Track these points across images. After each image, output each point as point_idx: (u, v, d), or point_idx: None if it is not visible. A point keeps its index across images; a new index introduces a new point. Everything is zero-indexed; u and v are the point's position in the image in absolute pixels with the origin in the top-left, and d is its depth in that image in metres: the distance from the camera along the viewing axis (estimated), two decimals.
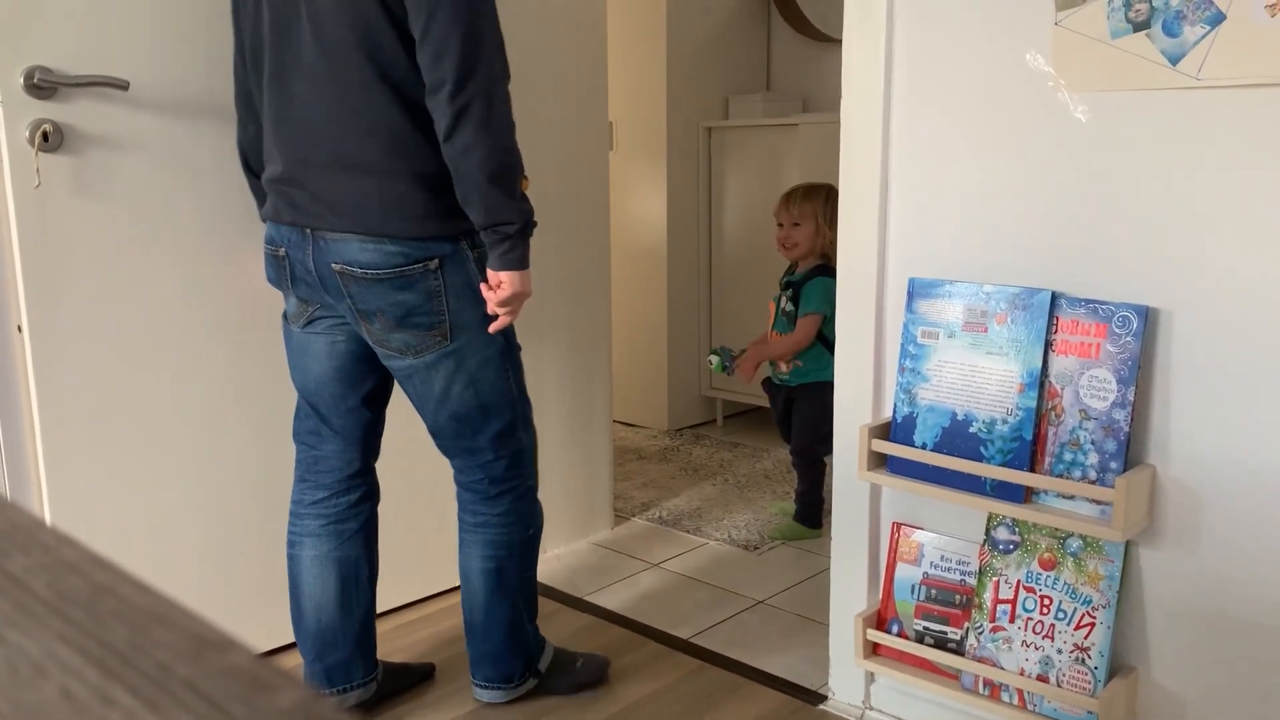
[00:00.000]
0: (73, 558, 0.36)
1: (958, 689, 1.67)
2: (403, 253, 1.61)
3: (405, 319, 1.65)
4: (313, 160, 1.62)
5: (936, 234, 1.69)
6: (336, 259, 1.63)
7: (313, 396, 1.81)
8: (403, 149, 1.59)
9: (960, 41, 1.61)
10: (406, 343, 1.67)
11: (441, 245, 1.63)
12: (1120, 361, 1.48)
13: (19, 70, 1.68)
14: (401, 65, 1.56)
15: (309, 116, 1.61)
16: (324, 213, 1.63)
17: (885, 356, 1.77)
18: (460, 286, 1.65)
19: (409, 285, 1.63)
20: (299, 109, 1.62)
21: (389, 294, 1.63)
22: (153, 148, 1.84)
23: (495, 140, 1.55)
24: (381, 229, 1.60)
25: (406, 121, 1.58)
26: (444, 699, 1.97)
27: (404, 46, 1.55)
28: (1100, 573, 1.54)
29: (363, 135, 1.59)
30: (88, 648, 0.30)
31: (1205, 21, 1.37)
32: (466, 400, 1.73)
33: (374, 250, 1.61)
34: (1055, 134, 1.54)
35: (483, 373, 1.72)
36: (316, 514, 1.85)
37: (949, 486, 1.61)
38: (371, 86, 1.57)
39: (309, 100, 1.61)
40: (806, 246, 2.66)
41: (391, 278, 1.62)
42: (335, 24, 1.56)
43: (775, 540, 2.71)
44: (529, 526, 1.87)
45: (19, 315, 1.75)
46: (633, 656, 2.12)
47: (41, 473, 1.79)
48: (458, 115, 1.53)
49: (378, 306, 1.64)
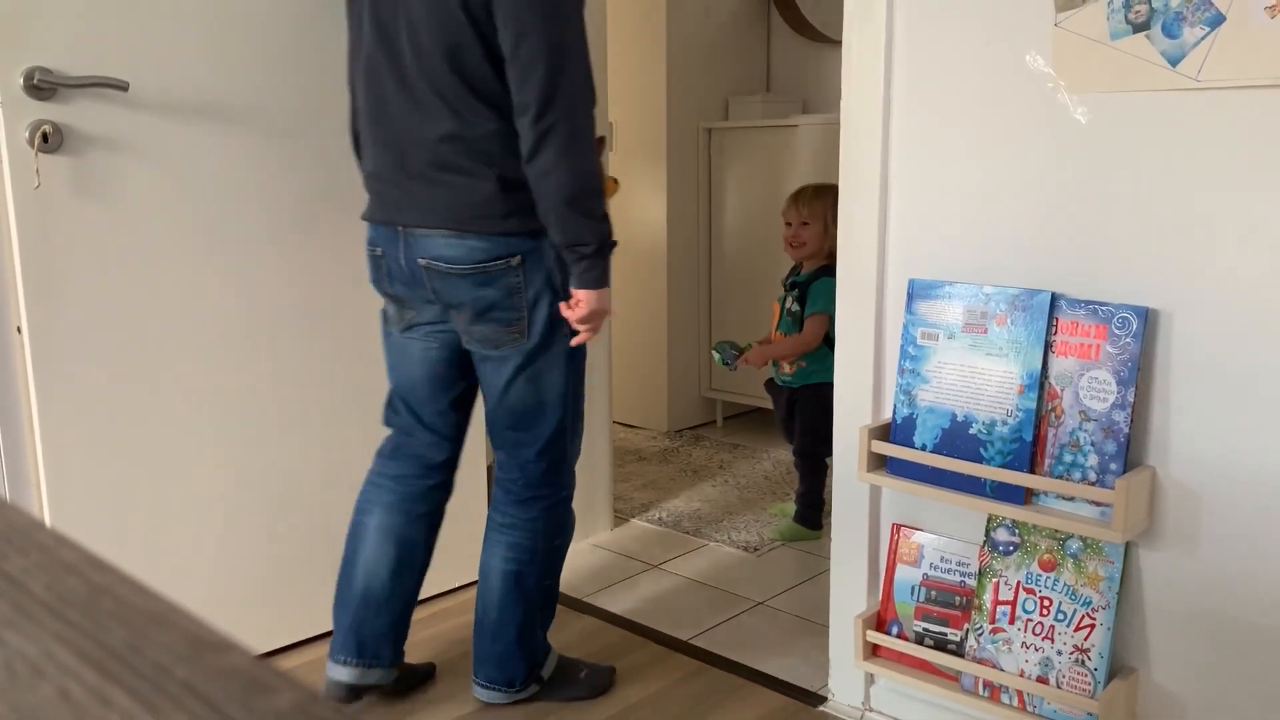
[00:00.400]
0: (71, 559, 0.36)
1: (957, 690, 1.67)
2: (485, 249, 1.67)
3: (485, 313, 1.71)
4: (403, 161, 1.70)
5: (936, 235, 1.69)
6: (424, 254, 1.70)
7: (407, 395, 1.88)
8: (488, 155, 1.65)
9: (960, 42, 1.61)
10: (485, 335, 1.74)
11: (523, 242, 1.68)
12: (1120, 363, 1.48)
13: (19, 71, 1.68)
14: (489, 80, 1.62)
15: (402, 120, 1.69)
16: (413, 210, 1.70)
17: (885, 358, 1.77)
18: (540, 285, 1.71)
19: (490, 281, 1.69)
20: (393, 112, 1.70)
21: (471, 289, 1.69)
22: (152, 149, 1.84)
23: (575, 164, 1.60)
24: (465, 225, 1.67)
25: (493, 130, 1.64)
26: (444, 699, 1.97)
27: (491, 64, 1.61)
28: (1100, 574, 1.54)
29: (450, 140, 1.65)
30: (86, 649, 0.30)
31: (1205, 23, 1.37)
32: (526, 396, 1.77)
33: (458, 245, 1.67)
34: (1055, 135, 1.53)
35: (547, 374, 1.77)
36: (394, 488, 1.90)
37: (949, 488, 1.61)
38: (461, 97, 1.63)
39: (402, 105, 1.68)
40: (815, 246, 2.65)
41: (474, 273, 1.68)
42: (429, 37, 1.62)
43: (775, 541, 2.71)
44: (555, 537, 1.89)
45: (19, 316, 1.75)
46: (633, 658, 2.12)
47: (41, 474, 1.79)
48: (540, 138, 1.59)
49: (460, 300, 1.71)
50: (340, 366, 2.14)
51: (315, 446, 2.12)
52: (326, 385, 2.12)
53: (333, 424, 2.14)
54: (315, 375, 2.10)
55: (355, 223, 2.12)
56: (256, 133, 1.96)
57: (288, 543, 2.11)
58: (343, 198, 2.09)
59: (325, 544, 2.16)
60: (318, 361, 2.10)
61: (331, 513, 2.17)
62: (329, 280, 2.09)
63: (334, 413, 2.14)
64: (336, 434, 2.15)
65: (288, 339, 2.05)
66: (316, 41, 2.02)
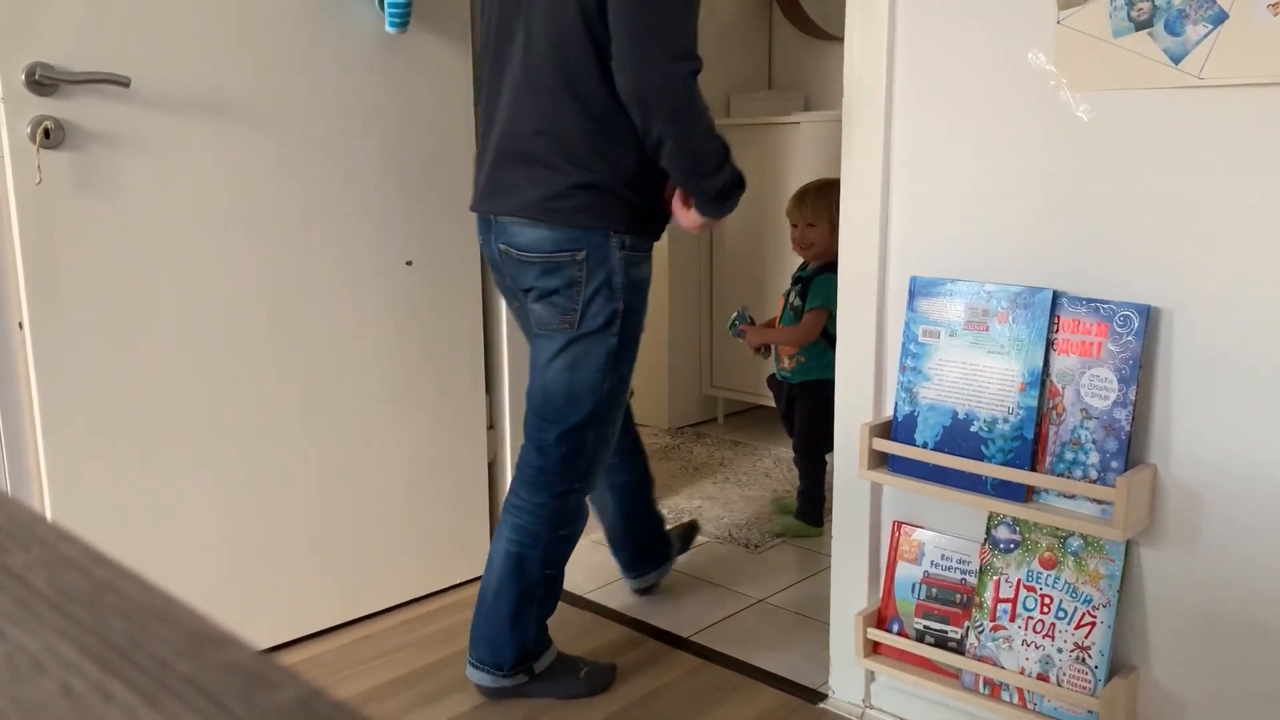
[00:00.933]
0: (72, 553, 0.36)
1: (958, 688, 1.67)
2: (553, 239, 1.78)
3: (544, 298, 1.83)
4: (502, 154, 1.82)
5: (938, 232, 1.69)
6: (503, 240, 1.84)
7: None
8: (574, 153, 1.75)
9: (962, 40, 1.61)
10: (540, 316, 1.85)
11: (591, 237, 1.78)
12: (1121, 360, 1.48)
13: (20, 67, 1.68)
14: (592, 82, 1.72)
15: (508, 117, 1.81)
16: (499, 198, 1.83)
17: (886, 355, 1.77)
18: (599, 282, 1.80)
19: (554, 270, 1.80)
20: (502, 110, 1.82)
21: (537, 276, 1.82)
22: (154, 145, 1.83)
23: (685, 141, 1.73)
24: (538, 215, 1.78)
25: (584, 132, 1.74)
26: (444, 697, 1.97)
27: (597, 64, 1.71)
28: (1101, 572, 1.54)
29: (543, 135, 1.76)
30: (87, 643, 0.30)
31: (1207, 20, 1.36)
32: (560, 382, 1.85)
33: (530, 234, 1.79)
34: (1057, 133, 1.53)
35: (584, 366, 1.84)
36: None
37: (950, 485, 1.61)
38: (560, 97, 1.74)
39: (510, 103, 1.80)
40: (823, 245, 2.64)
41: (541, 261, 1.80)
42: (542, 34, 1.74)
43: (776, 538, 2.71)
44: (561, 527, 1.91)
45: (20, 312, 1.75)
46: (633, 655, 2.12)
47: (42, 469, 1.80)
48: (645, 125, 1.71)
49: (527, 285, 1.85)
50: (341, 362, 2.14)
51: (318, 441, 2.12)
52: (328, 380, 2.12)
53: (335, 418, 2.14)
54: (317, 371, 2.10)
55: (356, 219, 2.13)
56: (258, 128, 1.96)
57: (289, 538, 2.11)
58: (343, 194, 2.09)
59: (327, 538, 2.17)
60: (320, 357, 2.10)
61: (333, 507, 2.17)
62: (330, 276, 2.09)
63: (335, 407, 2.14)
64: (339, 428, 2.15)
65: (290, 334, 2.05)
66: (318, 37, 2.02)
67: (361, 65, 2.08)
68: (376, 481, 2.23)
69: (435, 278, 2.27)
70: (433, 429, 2.32)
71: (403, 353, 2.24)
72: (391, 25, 2.07)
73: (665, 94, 1.68)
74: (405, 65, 2.15)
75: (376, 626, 2.24)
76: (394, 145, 2.16)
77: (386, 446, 2.24)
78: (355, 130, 2.09)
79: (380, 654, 2.13)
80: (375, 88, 2.11)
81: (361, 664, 2.09)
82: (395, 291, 2.20)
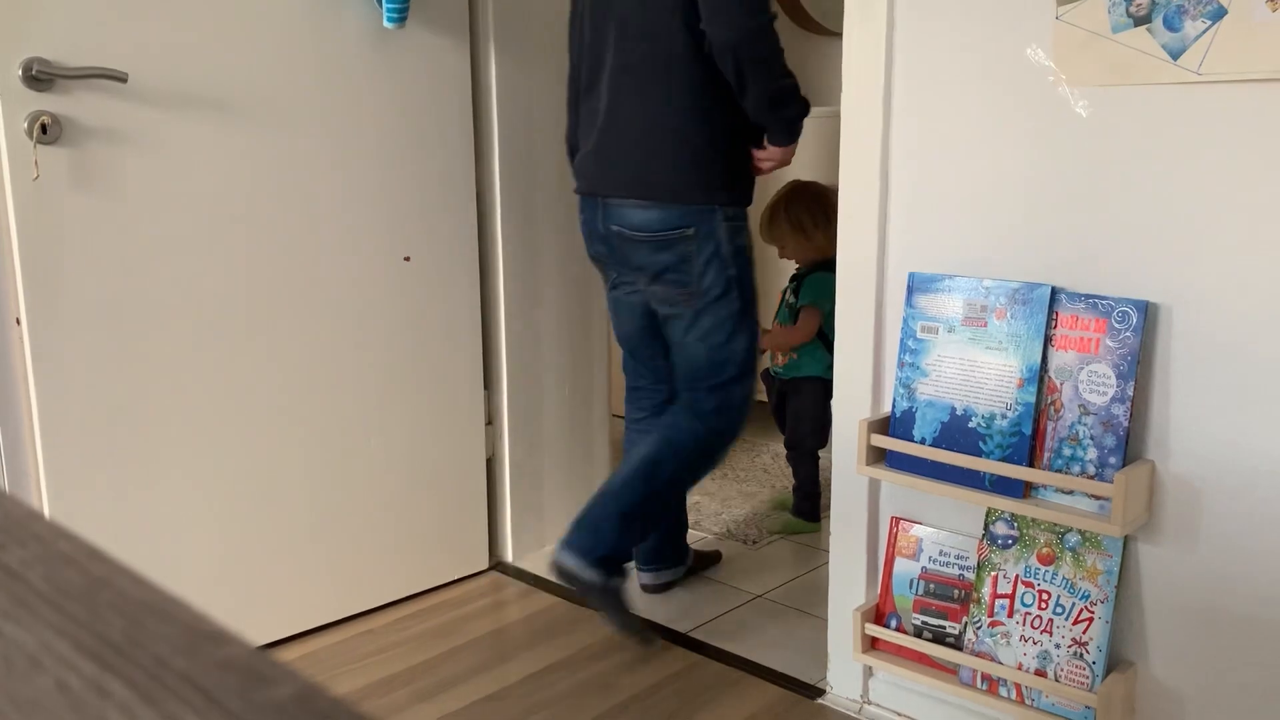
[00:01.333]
0: (69, 550, 0.36)
1: (956, 683, 1.67)
2: (664, 219, 1.94)
3: (660, 275, 1.99)
4: (608, 141, 1.98)
5: (936, 228, 1.68)
6: (615, 221, 1.99)
7: (625, 344, 2.23)
8: (676, 136, 1.91)
9: (961, 35, 1.61)
10: (662, 296, 2.04)
11: (698, 214, 1.94)
12: (1120, 356, 1.48)
13: (17, 62, 1.68)
14: (689, 60, 1.87)
15: (610, 110, 1.97)
16: (609, 182, 1.99)
17: (885, 351, 1.77)
18: (709, 254, 1.95)
19: (667, 247, 1.96)
20: (605, 104, 1.97)
21: (649, 254, 1.98)
22: (151, 140, 1.83)
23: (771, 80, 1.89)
24: (650, 195, 1.94)
25: (683, 116, 1.91)
26: (441, 693, 1.97)
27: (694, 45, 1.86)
28: (1099, 568, 1.54)
29: (648, 124, 1.93)
30: (83, 640, 0.30)
31: (1206, 16, 1.36)
32: (698, 352, 2.05)
33: (642, 214, 1.95)
34: (1056, 129, 1.53)
35: (716, 333, 2.03)
36: (637, 430, 2.25)
37: (948, 481, 1.61)
38: (661, 79, 1.90)
39: (612, 97, 1.96)
40: (802, 255, 2.68)
41: (653, 240, 1.96)
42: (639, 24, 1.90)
43: (774, 535, 2.71)
44: (702, 454, 2.11)
45: (17, 308, 1.74)
46: (630, 650, 2.12)
47: (40, 465, 1.79)
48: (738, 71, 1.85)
49: (640, 263, 2.00)
50: (338, 358, 2.14)
51: (314, 437, 2.12)
52: (325, 377, 2.12)
53: (331, 414, 2.14)
54: (314, 367, 2.10)
55: (354, 214, 2.12)
56: (255, 123, 1.95)
57: (287, 533, 2.11)
58: (341, 189, 2.09)
59: (324, 534, 2.17)
60: (316, 353, 2.10)
61: (331, 503, 2.17)
62: (328, 271, 2.09)
63: (332, 403, 2.14)
64: (335, 424, 2.15)
65: (287, 330, 2.05)
66: (316, 32, 2.01)
67: (359, 60, 2.08)
68: (374, 477, 2.23)
69: (433, 273, 2.26)
70: (431, 425, 2.32)
71: (401, 348, 2.23)
72: (389, 20, 2.07)
73: (753, 42, 1.83)
74: (403, 60, 2.15)
75: (374, 622, 2.24)
76: (392, 140, 2.15)
77: (384, 442, 2.24)
78: (353, 125, 2.09)
79: (378, 650, 2.13)
80: (373, 82, 2.11)
81: (359, 660, 2.09)
82: (393, 287, 2.20)
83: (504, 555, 2.55)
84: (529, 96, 2.40)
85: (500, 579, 2.47)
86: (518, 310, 2.45)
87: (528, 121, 2.41)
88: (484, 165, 2.37)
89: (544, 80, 2.42)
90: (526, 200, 2.43)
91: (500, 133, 2.35)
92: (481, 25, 2.30)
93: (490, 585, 2.43)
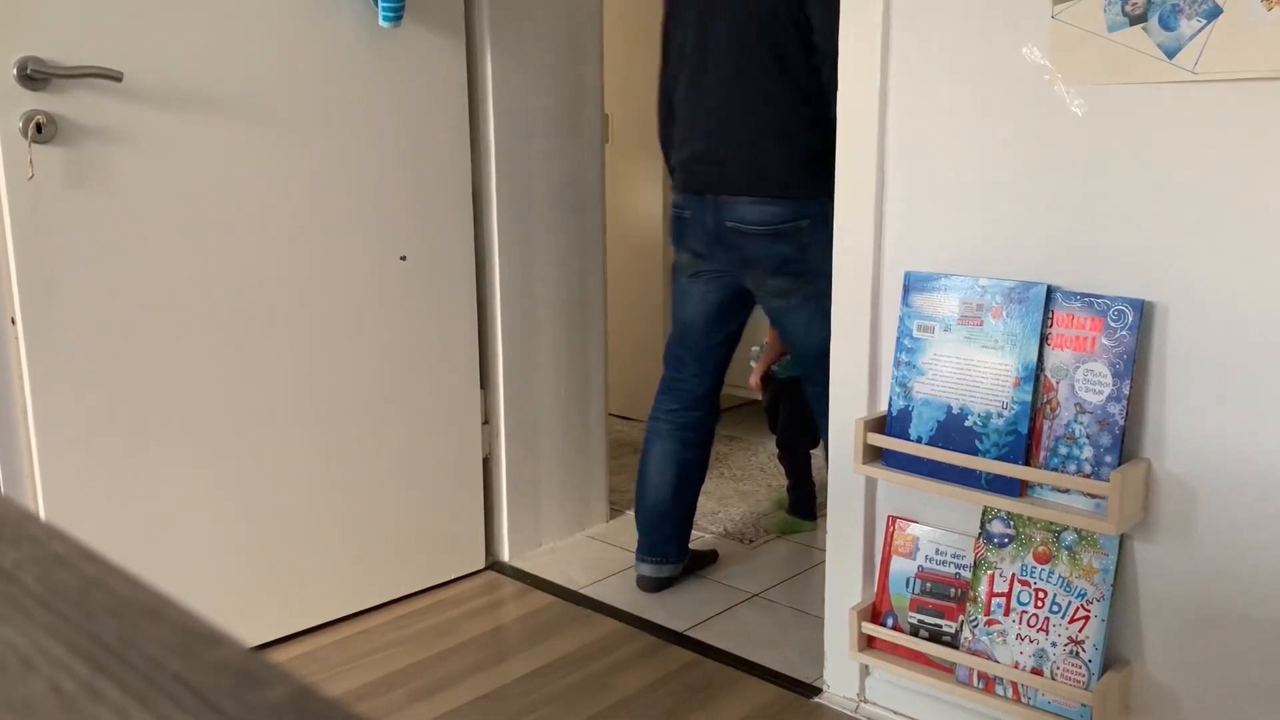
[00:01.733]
0: (62, 551, 0.36)
1: (952, 682, 1.68)
2: (780, 212, 2.07)
3: (779, 268, 2.11)
4: (718, 140, 2.09)
5: (932, 227, 1.69)
6: (730, 217, 2.10)
7: (684, 330, 2.31)
8: (788, 132, 2.04)
9: (957, 34, 1.61)
10: (778, 288, 2.14)
11: (812, 206, 2.06)
12: (1116, 355, 1.48)
13: (11, 61, 1.67)
14: (796, 55, 2.00)
15: (719, 109, 2.08)
16: (723, 181, 2.10)
17: (881, 350, 1.77)
18: (824, 242, 1.96)
19: (784, 239, 2.08)
20: (712, 103, 2.09)
21: (768, 246, 2.09)
22: (146, 139, 1.83)
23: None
24: (767, 193, 2.07)
25: (794, 112, 2.03)
26: (438, 693, 1.97)
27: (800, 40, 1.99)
28: (1095, 566, 1.54)
29: (760, 122, 2.05)
30: (77, 642, 0.30)
31: (1202, 15, 1.36)
32: (815, 337, 2.13)
33: (760, 209, 2.08)
34: (1051, 127, 1.53)
35: (823, 314, 2.03)
36: (669, 421, 2.34)
37: (944, 480, 1.61)
38: (770, 85, 2.03)
39: (720, 96, 2.08)
40: None
41: (770, 233, 2.08)
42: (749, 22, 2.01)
43: (771, 535, 2.71)
44: None
45: (12, 308, 1.74)
46: (627, 649, 2.12)
47: (35, 465, 1.79)
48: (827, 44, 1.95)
49: (757, 257, 2.11)
50: (334, 357, 2.13)
51: (311, 436, 2.12)
52: (321, 376, 2.12)
53: (328, 413, 2.14)
54: (310, 366, 2.10)
55: (350, 214, 2.12)
56: (251, 123, 1.95)
57: (282, 533, 2.11)
58: (337, 189, 2.09)
59: (320, 534, 2.17)
60: (311, 353, 2.10)
61: (326, 502, 2.17)
62: (323, 271, 2.09)
63: (329, 402, 2.14)
64: (332, 423, 2.15)
65: (283, 330, 2.05)
66: (312, 31, 2.01)
67: (355, 59, 2.08)
68: (370, 477, 2.23)
69: (430, 272, 2.26)
70: (427, 424, 2.32)
71: (397, 348, 2.23)
72: (385, 19, 2.06)
73: None
74: (399, 59, 2.15)
75: (371, 622, 2.24)
76: (387, 139, 2.15)
77: (380, 441, 2.24)
78: (348, 124, 2.09)
79: (375, 649, 2.13)
80: (368, 81, 2.10)
81: (356, 659, 2.09)
82: (389, 286, 2.20)
83: (500, 554, 2.55)
84: (525, 95, 2.40)
85: (497, 578, 2.47)
86: (514, 309, 2.45)
87: (524, 120, 2.40)
88: (480, 164, 2.37)
89: (539, 79, 2.42)
90: (522, 199, 2.43)
91: (496, 131, 2.35)
92: (477, 24, 2.30)
93: (487, 585, 2.43)
